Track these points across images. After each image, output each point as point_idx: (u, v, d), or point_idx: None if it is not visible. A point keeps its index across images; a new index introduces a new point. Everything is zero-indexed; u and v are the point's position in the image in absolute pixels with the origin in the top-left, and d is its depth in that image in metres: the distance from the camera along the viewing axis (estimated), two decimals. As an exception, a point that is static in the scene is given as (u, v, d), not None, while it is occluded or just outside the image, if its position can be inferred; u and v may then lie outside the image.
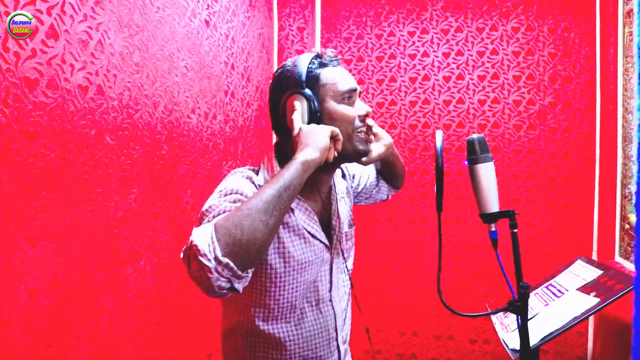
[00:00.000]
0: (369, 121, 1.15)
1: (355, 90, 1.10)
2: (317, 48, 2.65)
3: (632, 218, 1.99)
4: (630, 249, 2.00)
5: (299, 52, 2.51)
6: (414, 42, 2.61)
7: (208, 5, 1.73)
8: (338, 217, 1.18)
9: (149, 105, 1.36)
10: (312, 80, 1.06)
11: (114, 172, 1.21)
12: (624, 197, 2.11)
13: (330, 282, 1.15)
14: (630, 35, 2.05)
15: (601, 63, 2.37)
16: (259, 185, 1.06)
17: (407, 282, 2.65)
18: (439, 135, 1.07)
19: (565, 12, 2.43)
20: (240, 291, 0.88)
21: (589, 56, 2.41)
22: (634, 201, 2.00)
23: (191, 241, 0.83)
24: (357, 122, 1.09)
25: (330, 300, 1.15)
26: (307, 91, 1.04)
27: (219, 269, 0.81)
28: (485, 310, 1.28)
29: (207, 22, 1.72)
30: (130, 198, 1.28)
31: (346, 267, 1.20)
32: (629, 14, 2.06)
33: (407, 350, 2.66)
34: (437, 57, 2.59)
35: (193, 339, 1.64)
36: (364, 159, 1.17)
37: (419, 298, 2.63)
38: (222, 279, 0.82)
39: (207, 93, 1.72)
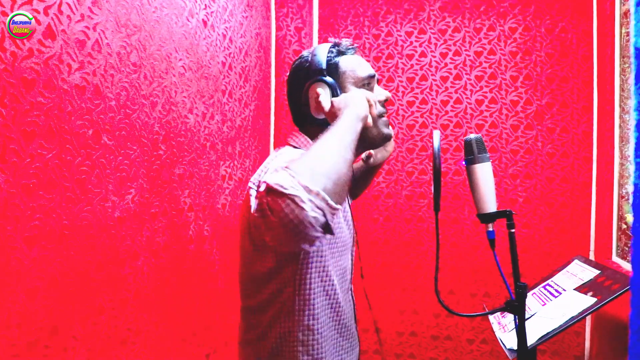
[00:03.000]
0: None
1: (373, 76, 1.13)
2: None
3: (629, 218, 1.99)
4: (627, 248, 2.01)
5: (297, 53, 2.51)
6: (411, 42, 2.62)
7: (205, 5, 1.73)
8: (350, 207, 1.20)
9: (147, 105, 1.36)
10: (332, 68, 1.08)
11: (112, 172, 1.20)
12: (621, 197, 2.11)
13: (352, 270, 1.17)
14: (627, 35, 2.05)
15: (598, 63, 2.38)
16: None
17: (405, 282, 2.65)
18: (437, 135, 1.08)
19: (562, 13, 2.44)
20: (334, 233, 0.81)
21: (586, 56, 2.42)
22: (631, 201, 2.00)
23: (269, 184, 0.75)
24: (379, 107, 1.11)
25: (351, 289, 1.17)
26: (329, 78, 1.06)
27: (312, 197, 0.73)
28: (483, 310, 1.28)
29: (204, 22, 1.72)
30: (127, 198, 1.27)
31: (359, 256, 1.22)
32: (625, 14, 2.07)
33: (404, 350, 2.66)
34: (434, 57, 2.59)
35: (191, 339, 1.64)
36: (370, 160, 1.20)
37: (417, 298, 2.63)
38: (317, 210, 0.73)
39: (204, 93, 1.72)
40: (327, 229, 0.76)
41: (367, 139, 1.08)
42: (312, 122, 1.11)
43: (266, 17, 2.39)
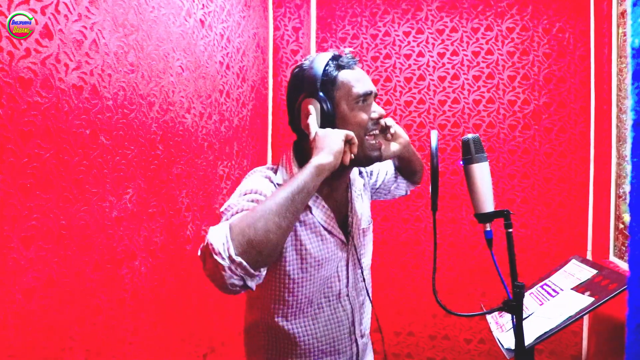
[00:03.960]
0: (388, 120, 1.18)
1: (370, 93, 1.11)
2: (313, 51, 2.65)
3: (626, 218, 2.00)
4: (624, 248, 2.01)
5: (294, 52, 2.51)
6: (409, 42, 2.62)
7: (203, 5, 1.72)
8: (355, 214, 1.21)
9: (144, 105, 1.36)
10: (328, 82, 1.07)
11: (109, 172, 1.20)
12: (618, 196, 2.12)
13: (347, 277, 1.18)
14: (624, 35, 2.06)
15: (595, 63, 2.38)
16: (278, 184, 1.09)
17: (403, 282, 2.65)
18: (434, 135, 1.08)
19: (559, 13, 2.44)
20: (254, 288, 0.91)
21: (583, 56, 2.42)
22: (628, 201, 2.00)
23: (207, 239, 0.87)
24: (370, 125, 1.11)
25: (347, 295, 1.18)
26: (321, 95, 1.05)
27: (232, 267, 0.84)
28: (480, 310, 1.28)
29: (202, 22, 1.72)
30: (125, 198, 1.27)
31: (360, 263, 1.22)
32: (622, 14, 2.07)
33: (402, 350, 2.66)
34: (432, 57, 2.60)
35: (189, 339, 1.64)
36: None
37: (414, 298, 2.63)
38: (235, 277, 0.85)
39: (202, 93, 1.72)
40: (245, 287, 0.88)
41: (354, 158, 1.09)
42: (303, 135, 1.11)
43: (264, 17, 2.39)
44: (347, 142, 1.03)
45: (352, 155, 1.04)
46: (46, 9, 0.98)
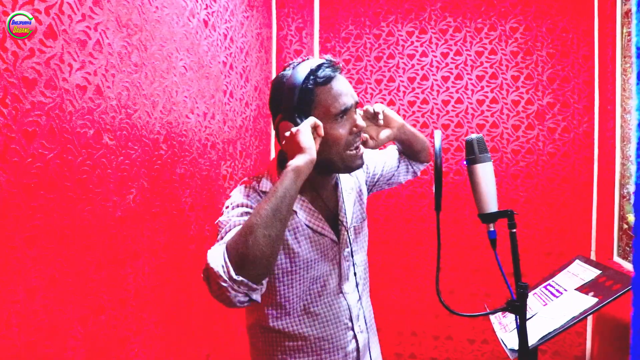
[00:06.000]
0: (377, 106, 1.21)
1: (350, 107, 1.10)
2: (316, 51, 2.65)
3: (630, 218, 1.99)
4: (628, 249, 2.00)
5: (298, 52, 2.51)
6: (412, 42, 2.61)
7: (206, 5, 1.72)
8: (345, 212, 1.21)
9: (148, 105, 1.36)
10: (306, 100, 1.07)
11: (113, 172, 1.20)
12: (622, 197, 2.11)
13: (340, 275, 1.19)
14: (629, 35, 2.05)
15: (599, 63, 2.37)
16: (262, 192, 1.12)
17: (405, 282, 2.65)
18: (438, 135, 1.08)
19: (563, 12, 2.44)
20: (260, 300, 0.95)
21: (587, 56, 2.42)
22: (632, 201, 2.00)
23: (207, 264, 0.92)
24: (350, 139, 1.11)
25: (342, 292, 1.19)
26: (297, 117, 1.06)
27: (235, 287, 0.88)
28: (483, 310, 1.28)
29: (205, 22, 1.72)
30: (128, 198, 1.27)
31: (353, 260, 1.22)
32: (627, 14, 2.07)
33: (405, 350, 2.66)
34: (435, 57, 2.59)
35: (191, 339, 1.64)
36: (371, 143, 1.21)
37: (417, 298, 2.63)
38: (240, 294, 0.90)
39: (205, 93, 1.72)
40: (251, 301, 0.93)
41: (334, 168, 1.13)
42: (283, 148, 1.11)
43: (267, 17, 2.39)
44: (314, 129, 1.04)
45: (320, 139, 1.05)
46: (50, 9, 0.98)
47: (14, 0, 0.89)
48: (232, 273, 0.88)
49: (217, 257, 0.91)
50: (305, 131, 1.02)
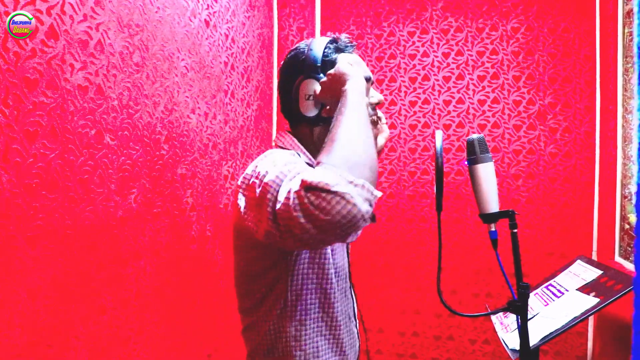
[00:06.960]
0: (378, 113, 1.15)
1: (369, 79, 1.08)
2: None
3: (632, 218, 1.99)
4: (630, 249, 2.00)
5: (299, 52, 2.50)
6: (413, 42, 2.61)
7: (208, 5, 1.73)
8: None
9: (149, 105, 1.36)
10: (328, 65, 1.03)
11: (114, 172, 1.21)
12: (623, 197, 2.10)
13: (349, 268, 1.13)
14: (630, 35, 2.05)
15: (601, 63, 2.37)
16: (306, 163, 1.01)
17: (407, 282, 2.65)
18: (439, 135, 1.08)
19: (565, 12, 2.43)
20: (375, 220, 0.80)
21: (588, 56, 2.41)
22: (633, 201, 1.99)
23: (307, 183, 0.72)
24: (370, 111, 1.09)
25: (351, 286, 1.14)
26: (322, 76, 1.02)
27: (359, 191, 0.72)
28: (485, 310, 1.28)
29: (207, 22, 1.72)
30: (130, 198, 1.28)
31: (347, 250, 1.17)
32: (628, 14, 2.06)
33: (407, 350, 2.66)
34: (437, 57, 2.59)
35: (193, 338, 1.64)
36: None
37: (419, 298, 2.63)
38: (366, 202, 0.73)
39: (207, 93, 1.72)
40: (373, 218, 0.76)
41: None
42: (300, 120, 1.07)
43: (268, 17, 2.39)
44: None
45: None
46: (52, 9, 0.98)
47: (15, 0, 0.90)
48: (349, 178, 0.72)
49: (320, 172, 0.73)
50: (355, 60, 0.98)
